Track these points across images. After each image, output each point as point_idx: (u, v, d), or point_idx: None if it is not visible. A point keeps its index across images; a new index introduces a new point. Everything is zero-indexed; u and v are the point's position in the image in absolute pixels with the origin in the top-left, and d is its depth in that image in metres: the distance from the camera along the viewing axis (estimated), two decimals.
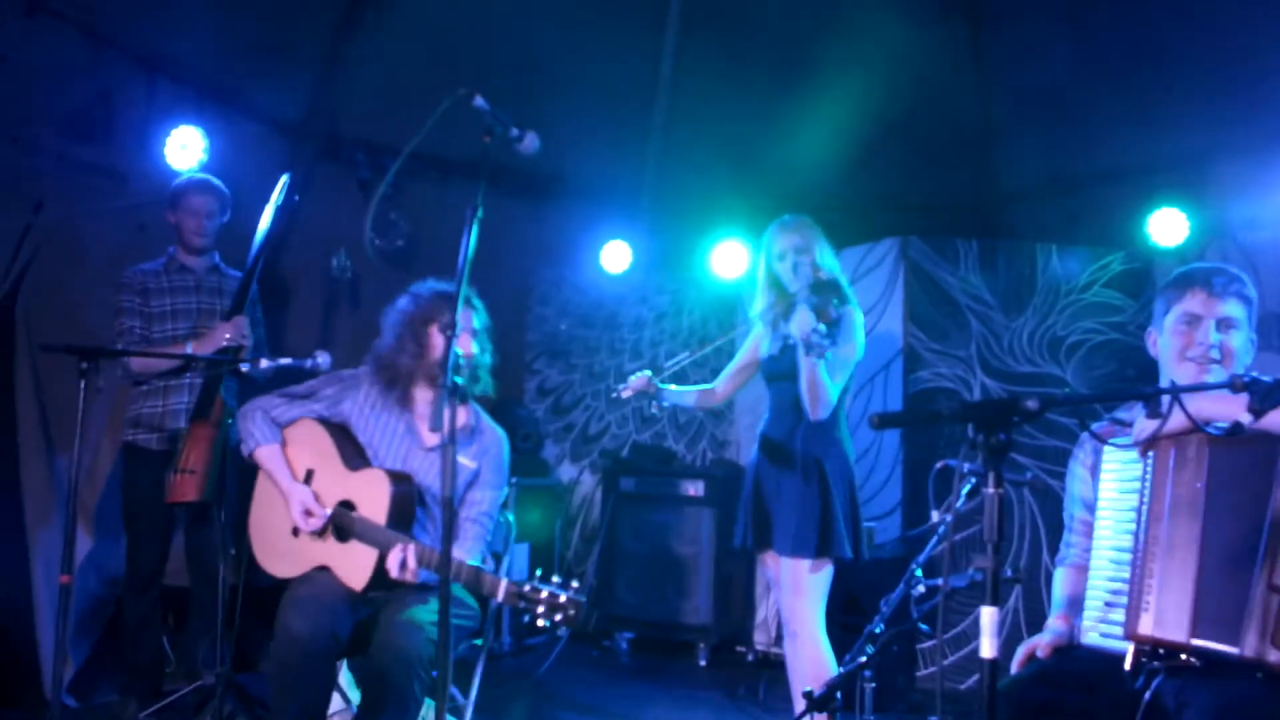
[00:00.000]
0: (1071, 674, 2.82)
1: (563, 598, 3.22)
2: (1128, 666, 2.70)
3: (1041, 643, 2.95)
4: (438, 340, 3.84)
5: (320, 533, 3.72)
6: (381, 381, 3.92)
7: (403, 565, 3.48)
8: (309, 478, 3.81)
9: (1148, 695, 2.63)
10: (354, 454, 3.83)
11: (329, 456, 3.82)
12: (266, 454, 3.84)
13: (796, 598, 4.06)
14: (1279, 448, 2.55)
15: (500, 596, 3.31)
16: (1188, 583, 2.61)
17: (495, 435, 3.99)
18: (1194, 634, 2.58)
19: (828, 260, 4.27)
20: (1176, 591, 2.63)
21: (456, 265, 2.99)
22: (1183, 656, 2.63)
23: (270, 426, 3.88)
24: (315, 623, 3.43)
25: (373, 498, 3.67)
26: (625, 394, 4.55)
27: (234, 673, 4.24)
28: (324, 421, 3.92)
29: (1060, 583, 3.18)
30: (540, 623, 3.24)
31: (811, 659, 4.03)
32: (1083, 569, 3.02)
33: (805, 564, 4.01)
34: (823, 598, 4.07)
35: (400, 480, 3.71)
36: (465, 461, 3.85)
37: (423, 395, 3.92)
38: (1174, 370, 2.97)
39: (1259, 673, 2.52)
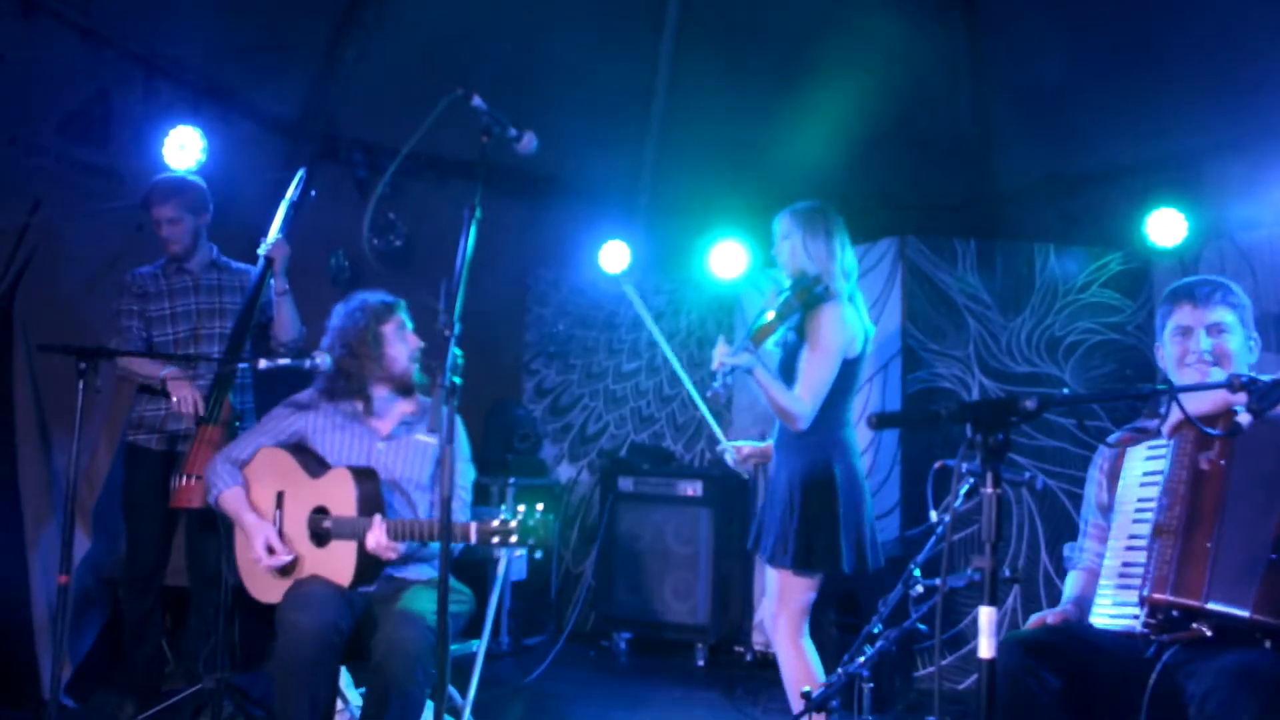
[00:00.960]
0: (1082, 634, 2.93)
1: (531, 521, 3.34)
2: (1138, 628, 2.79)
3: (1050, 615, 3.08)
4: (393, 339, 4.00)
5: (286, 570, 3.79)
6: (336, 393, 4.02)
7: (381, 543, 3.59)
8: (280, 499, 3.88)
9: (1158, 666, 2.70)
10: (315, 463, 3.93)
11: (293, 473, 3.90)
12: (228, 498, 3.92)
13: (773, 605, 3.98)
14: None
15: (474, 539, 3.42)
16: (1205, 550, 2.73)
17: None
18: (1209, 598, 2.68)
19: (815, 248, 4.02)
20: (1194, 558, 2.74)
21: (454, 265, 2.99)
22: (1193, 625, 2.72)
23: (230, 470, 3.95)
24: (319, 616, 3.49)
25: (341, 495, 3.76)
26: (743, 468, 4.29)
27: (233, 675, 4.23)
28: (281, 445, 4.00)
29: (1071, 583, 3.29)
30: (518, 552, 3.41)
31: (792, 667, 3.93)
32: (1094, 573, 3.14)
33: (783, 573, 3.92)
34: (802, 609, 3.94)
35: (363, 473, 3.81)
36: (428, 439, 3.98)
37: (378, 394, 4.03)
38: (1176, 378, 3.10)
39: (1267, 640, 2.62)
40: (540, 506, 3.39)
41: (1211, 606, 2.66)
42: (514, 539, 3.33)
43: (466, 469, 4.05)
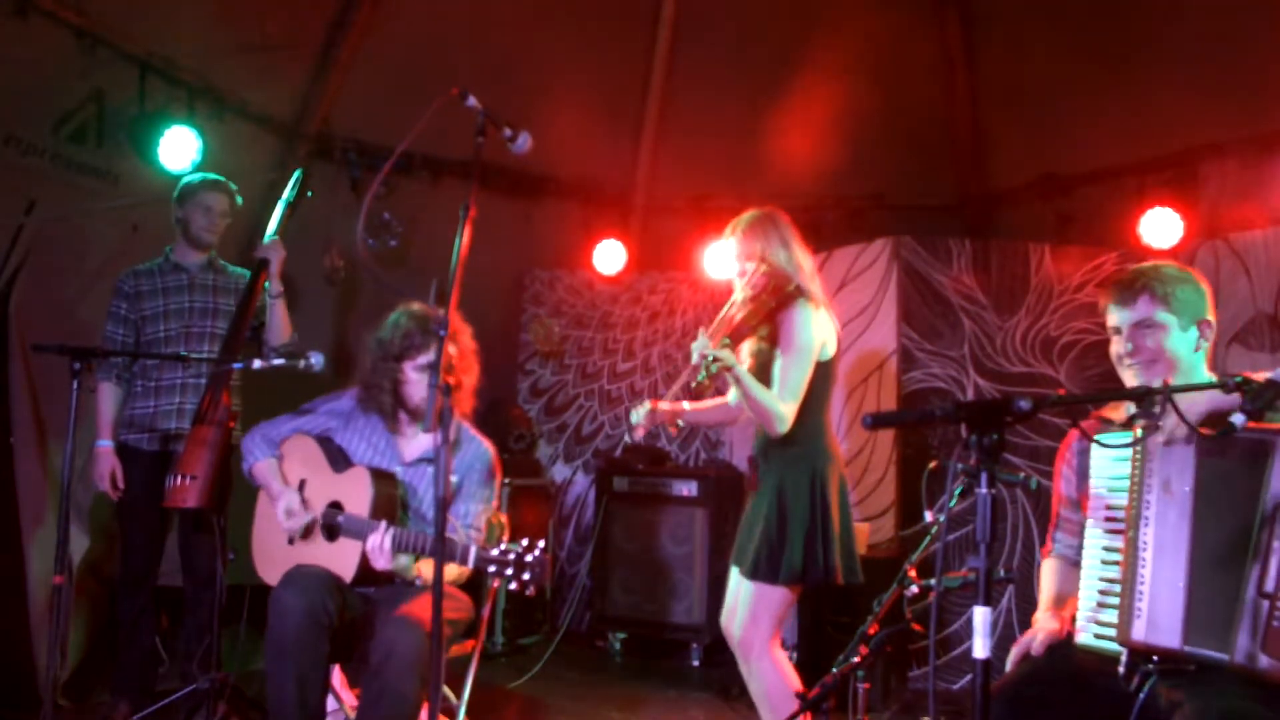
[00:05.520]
0: (1064, 673, 2.83)
1: (529, 557, 3.32)
2: (1122, 671, 2.71)
3: (1036, 640, 2.94)
4: (412, 378, 3.93)
5: (306, 533, 3.83)
6: (367, 405, 4.02)
7: (379, 547, 3.58)
8: (301, 487, 3.91)
9: (1142, 696, 2.63)
10: (340, 458, 3.95)
11: (317, 464, 3.93)
12: (261, 468, 3.97)
13: (748, 617, 3.88)
14: (1266, 451, 2.55)
15: (470, 563, 3.39)
16: (1178, 588, 2.62)
17: (479, 448, 4.03)
18: (1186, 641, 2.59)
19: (778, 256, 3.96)
20: (1167, 597, 2.63)
21: (449, 265, 2.99)
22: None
23: (266, 444, 4.00)
24: (307, 595, 3.52)
25: (356, 493, 3.78)
26: (639, 435, 4.13)
27: (228, 675, 4.23)
28: (314, 435, 4.02)
29: (1049, 574, 3.20)
30: (511, 585, 3.33)
31: (770, 680, 3.86)
32: (1071, 563, 3.07)
33: (764, 586, 3.82)
34: (781, 620, 3.88)
35: (381, 476, 3.82)
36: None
37: (402, 418, 4.02)
38: (1120, 375, 3.03)
39: (1251, 681, 2.51)
40: (541, 544, 3.36)
41: (1189, 650, 2.58)
42: (509, 571, 3.32)
43: (479, 508, 3.96)
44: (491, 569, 3.34)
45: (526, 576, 3.31)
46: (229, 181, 4.93)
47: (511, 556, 3.33)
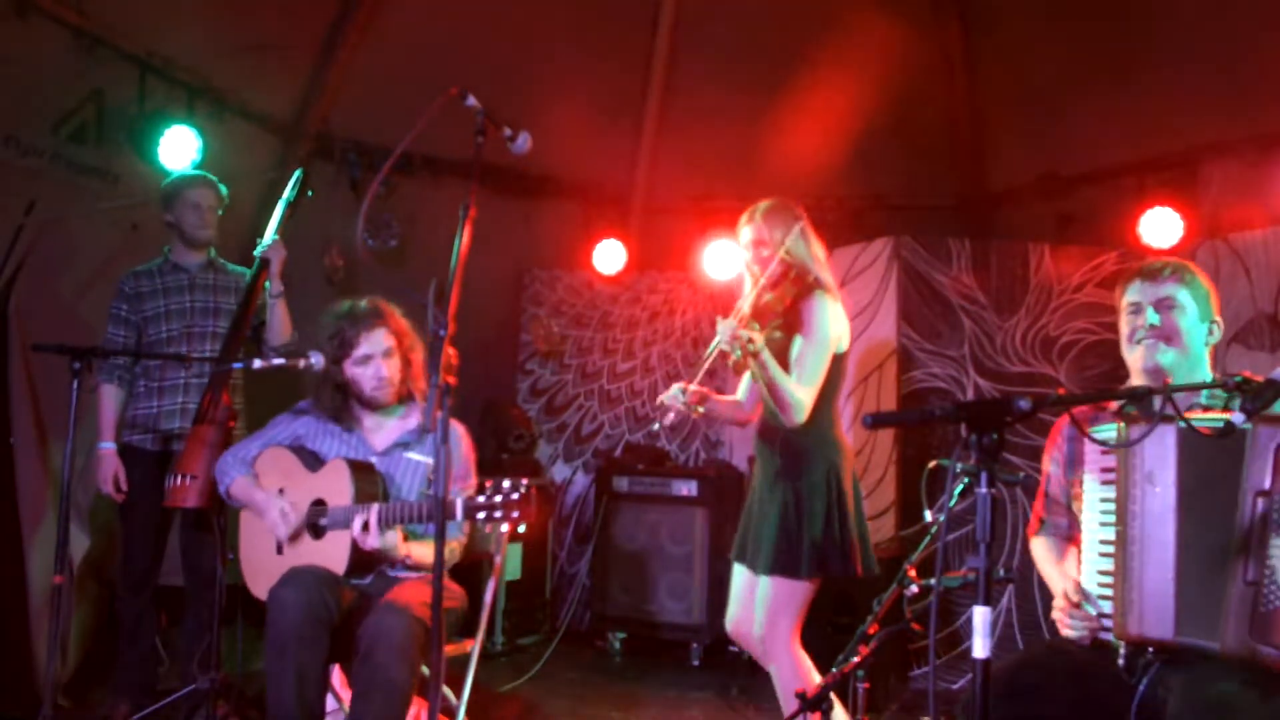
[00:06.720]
0: (1062, 664, 2.86)
1: (515, 495, 3.36)
2: (1122, 663, 2.74)
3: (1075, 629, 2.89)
4: (353, 373, 3.98)
5: (294, 536, 3.86)
6: (324, 404, 4.06)
7: (365, 527, 3.61)
8: (281, 495, 3.94)
9: (1142, 687, 2.67)
10: (314, 460, 3.99)
11: (293, 469, 3.97)
12: (239, 485, 4.00)
13: (760, 612, 3.86)
14: (1246, 444, 2.59)
15: (460, 515, 3.40)
16: (1168, 582, 2.67)
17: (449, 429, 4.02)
18: (1178, 632, 2.64)
19: (797, 247, 3.90)
20: (1158, 590, 2.68)
21: (449, 265, 2.99)
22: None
23: (239, 464, 4.04)
24: (306, 592, 3.54)
25: (337, 485, 3.82)
26: (669, 419, 3.93)
27: (229, 675, 4.23)
28: (286, 445, 4.07)
29: (1046, 551, 3.23)
30: (503, 527, 3.41)
31: (789, 675, 3.83)
32: (1063, 538, 3.18)
33: (784, 581, 3.79)
34: (802, 615, 3.84)
35: (359, 466, 3.86)
36: (419, 458, 4.00)
37: (361, 413, 4.07)
38: (1127, 357, 3.12)
39: (1244, 667, 2.55)
40: (525, 480, 3.41)
41: (1181, 641, 2.63)
42: (499, 514, 3.34)
43: (457, 486, 3.93)
44: (481, 515, 3.36)
45: (516, 515, 3.35)
46: (208, 174, 4.93)
47: (498, 499, 3.36)
